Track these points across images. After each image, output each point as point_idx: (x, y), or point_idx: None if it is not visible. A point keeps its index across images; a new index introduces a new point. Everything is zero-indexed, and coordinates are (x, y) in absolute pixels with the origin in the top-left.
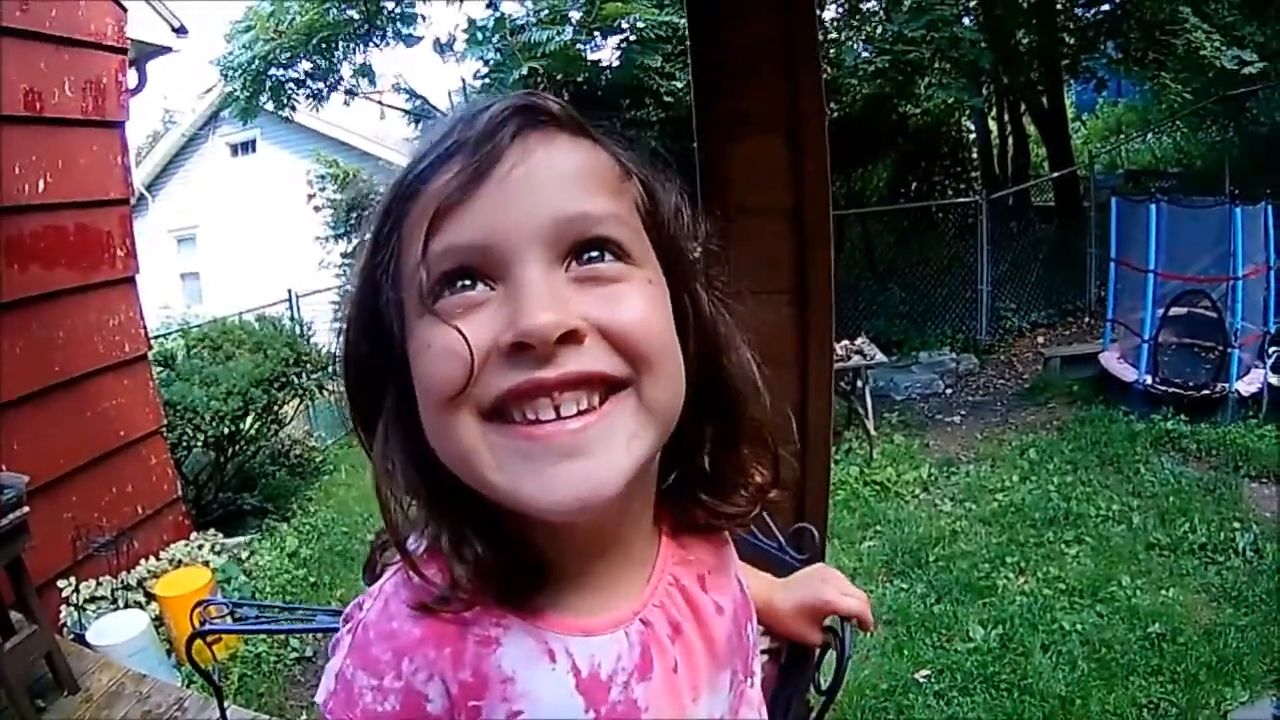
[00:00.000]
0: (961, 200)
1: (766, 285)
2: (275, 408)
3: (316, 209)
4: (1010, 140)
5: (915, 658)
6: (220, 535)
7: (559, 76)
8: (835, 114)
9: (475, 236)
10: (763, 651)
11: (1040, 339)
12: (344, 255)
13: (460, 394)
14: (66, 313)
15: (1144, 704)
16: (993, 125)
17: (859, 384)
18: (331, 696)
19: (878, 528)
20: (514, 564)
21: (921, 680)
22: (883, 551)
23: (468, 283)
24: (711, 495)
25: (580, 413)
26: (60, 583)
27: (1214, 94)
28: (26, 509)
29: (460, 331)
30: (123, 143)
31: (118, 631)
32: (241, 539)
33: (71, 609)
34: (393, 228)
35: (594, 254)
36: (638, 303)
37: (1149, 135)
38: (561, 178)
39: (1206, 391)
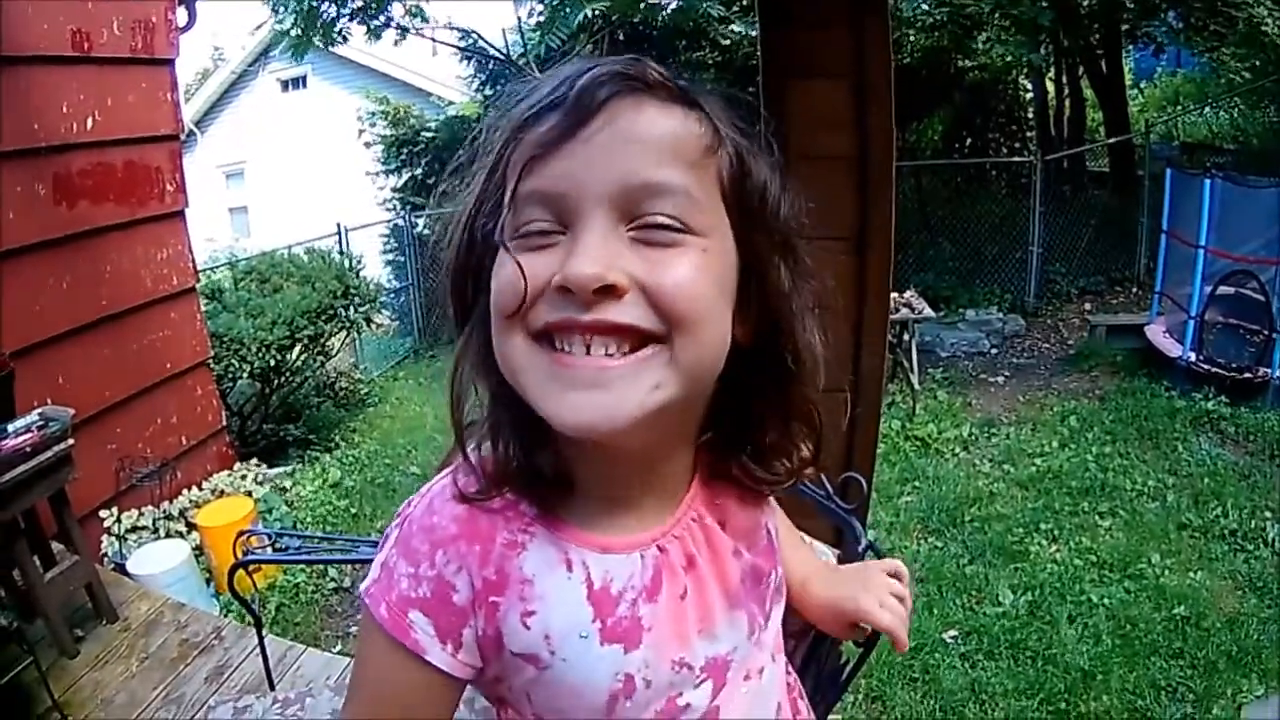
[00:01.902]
0: (1016, 159)
1: (825, 232)
2: (322, 339)
3: (367, 145)
4: (1067, 102)
5: (944, 617)
6: (263, 466)
7: (615, 17)
8: (894, 64)
9: (554, 186)
10: None
11: (1088, 305)
12: (394, 190)
13: (514, 315)
14: (114, 247)
15: (1163, 686)
16: (1050, 86)
17: (905, 338)
18: (374, 584)
19: (916, 483)
20: (545, 468)
21: (949, 640)
22: (920, 508)
23: (545, 226)
24: (752, 459)
25: (609, 355)
26: (102, 513)
27: (1273, 73)
28: (71, 442)
29: (520, 266)
30: (172, 79)
31: (158, 561)
32: (284, 469)
33: (113, 539)
34: (500, 168)
35: (653, 219)
36: (684, 269)
37: (1206, 109)
38: (639, 145)
39: (1249, 375)
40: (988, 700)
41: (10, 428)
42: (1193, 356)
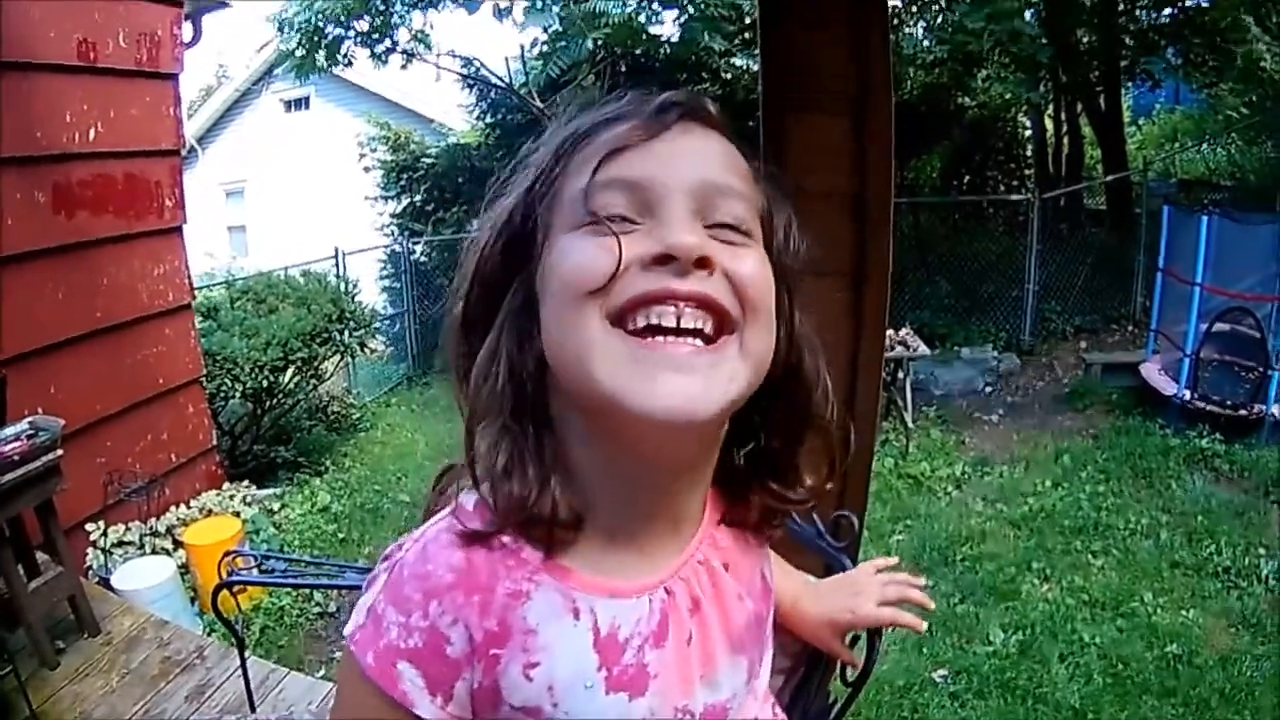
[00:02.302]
0: (1014, 197)
1: (822, 267)
2: (315, 362)
3: (366, 169)
4: (1066, 139)
5: (934, 656)
6: (253, 487)
7: (618, 49)
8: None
9: (637, 175)
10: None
11: (1083, 344)
12: (393, 216)
13: (596, 291)
14: (111, 260)
15: None
16: (1048, 123)
17: (900, 375)
18: (359, 630)
19: (908, 522)
20: (559, 505)
21: (939, 680)
22: (911, 546)
23: (625, 212)
24: (777, 482)
25: (695, 333)
26: (89, 526)
27: (1271, 108)
28: (60, 452)
29: (618, 236)
30: (175, 94)
31: (143, 577)
32: (273, 491)
33: (98, 552)
34: (559, 163)
35: (726, 223)
36: (755, 262)
37: (1204, 145)
38: (714, 156)
39: (1244, 412)
40: None
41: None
42: (1187, 394)
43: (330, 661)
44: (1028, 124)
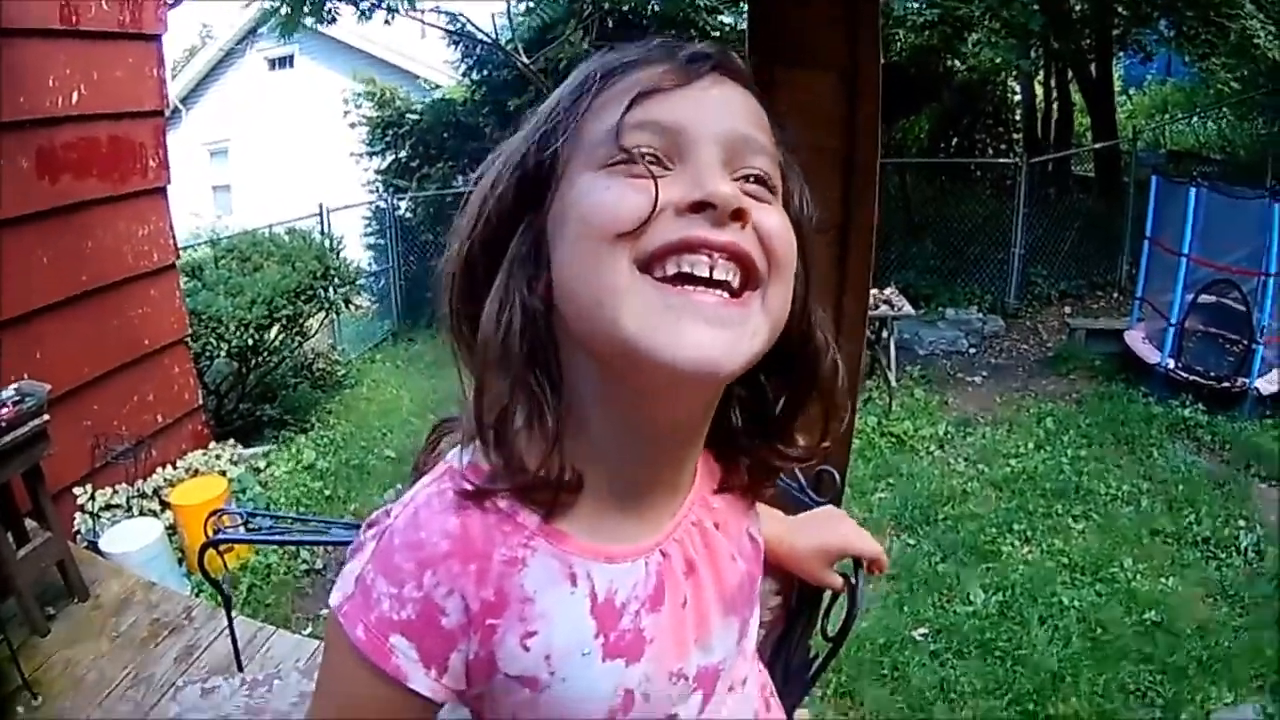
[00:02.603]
0: (1001, 160)
1: None
2: (300, 320)
3: (352, 125)
4: (1055, 106)
5: (915, 615)
6: (239, 446)
7: (605, 4)
8: (882, 61)
9: (670, 118)
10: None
11: (1068, 309)
12: (378, 172)
13: (627, 235)
14: (96, 222)
15: (1131, 690)
16: (1039, 89)
17: (884, 334)
18: (348, 600)
19: (890, 480)
20: (562, 466)
21: (919, 638)
22: (893, 505)
23: (651, 158)
24: (780, 441)
25: (724, 285)
26: (76, 490)
27: (1263, 85)
28: (47, 417)
29: (655, 178)
30: (159, 55)
31: (131, 539)
32: (259, 449)
33: (86, 516)
34: (585, 98)
35: (753, 177)
36: (781, 219)
37: (1194, 118)
38: (744, 110)
39: (1227, 384)
40: (956, 699)
41: None
42: (1171, 363)
43: (317, 619)
44: (1017, 88)
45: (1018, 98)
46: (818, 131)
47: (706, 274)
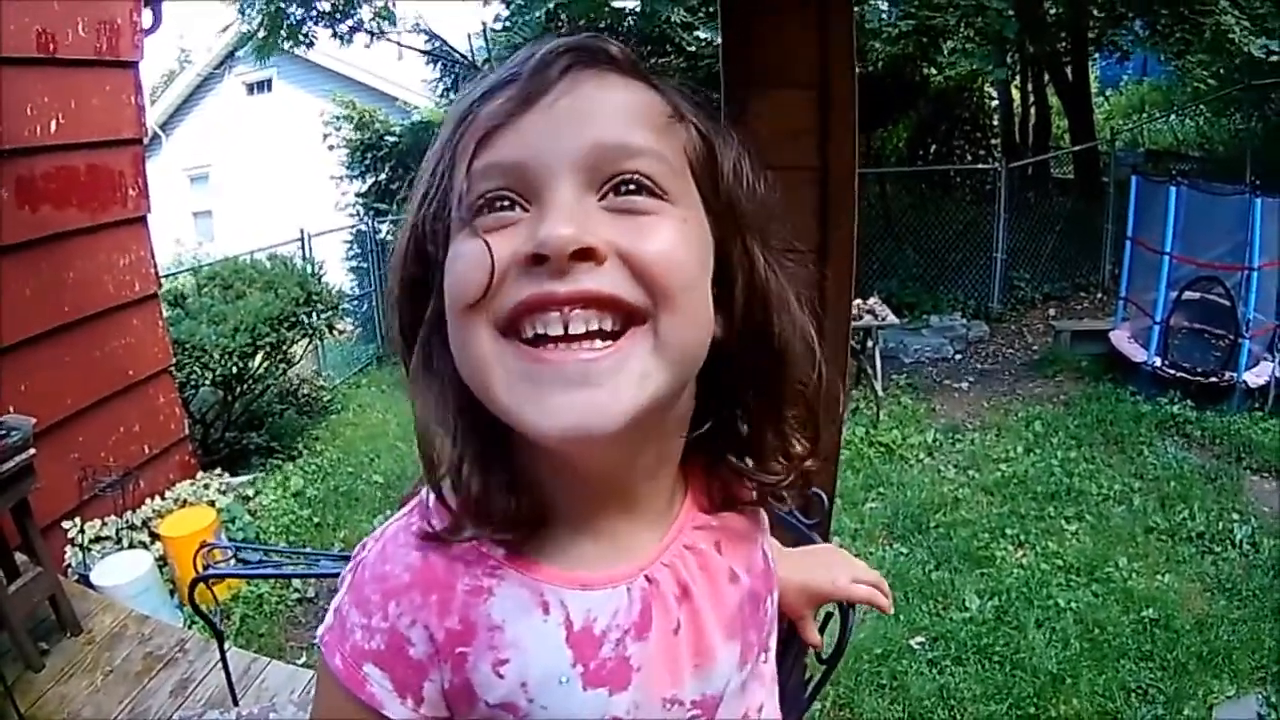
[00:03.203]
0: (980, 166)
1: (786, 243)
2: (284, 346)
3: (331, 148)
4: (1033, 110)
5: (911, 624)
6: (226, 474)
7: (581, 21)
8: (858, 72)
9: (514, 156)
10: None
11: (1052, 311)
12: (358, 195)
13: (478, 303)
14: (77, 253)
15: (1132, 688)
16: (1015, 94)
17: (869, 344)
18: (328, 631)
19: (880, 490)
20: (518, 503)
21: (916, 647)
22: (884, 514)
23: (505, 203)
24: (747, 460)
25: (592, 335)
26: (65, 523)
27: (1239, 80)
28: (33, 451)
29: (486, 242)
30: (136, 82)
31: (121, 572)
32: (246, 478)
33: (76, 549)
34: (449, 152)
35: (630, 187)
36: (666, 236)
37: (1172, 116)
38: (606, 111)
39: (1214, 379)
40: (956, 706)
41: None
42: (1158, 361)
43: (311, 648)
44: (994, 94)
45: (995, 103)
46: (794, 149)
47: (561, 331)
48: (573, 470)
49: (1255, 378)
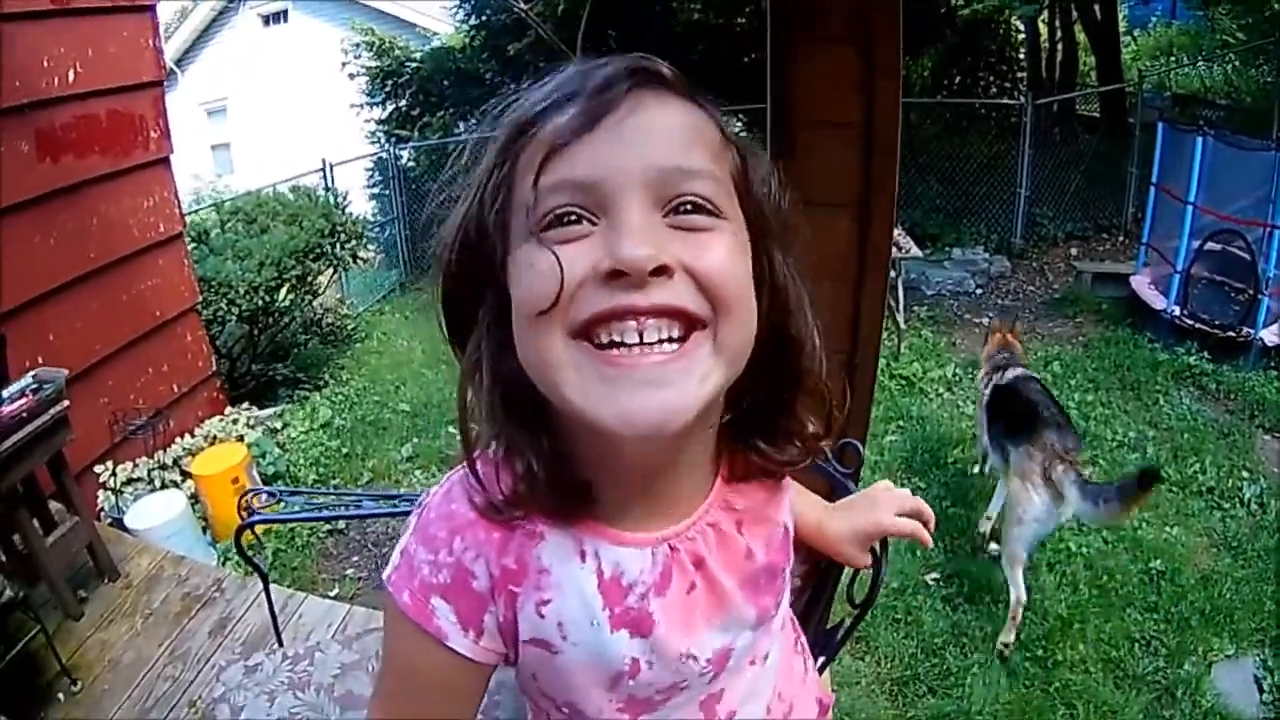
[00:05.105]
0: (1006, 101)
1: (828, 198)
2: (310, 279)
3: (351, 76)
4: (1060, 46)
5: (926, 560)
6: (254, 408)
7: None
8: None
9: (585, 173)
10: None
11: (1074, 250)
12: (379, 122)
13: (551, 309)
14: (100, 199)
15: (1136, 638)
16: (1043, 29)
17: (892, 275)
18: (395, 571)
19: (900, 423)
20: (563, 483)
21: (930, 583)
22: (903, 448)
23: (573, 217)
24: (767, 443)
25: (662, 341)
26: (98, 467)
27: (1269, 33)
28: (67, 403)
29: (557, 256)
30: (153, 25)
31: (155, 514)
32: (274, 410)
33: (109, 493)
34: (507, 162)
35: (688, 206)
36: (723, 251)
37: (1199, 62)
38: (669, 133)
39: (1232, 333)
40: (968, 643)
41: (4, 394)
42: (1177, 310)
43: (343, 579)
44: (1021, 28)
45: (1022, 37)
46: (837, 104)
47: (637, 339)
48: (618, 456)
49: (1272, 336)
